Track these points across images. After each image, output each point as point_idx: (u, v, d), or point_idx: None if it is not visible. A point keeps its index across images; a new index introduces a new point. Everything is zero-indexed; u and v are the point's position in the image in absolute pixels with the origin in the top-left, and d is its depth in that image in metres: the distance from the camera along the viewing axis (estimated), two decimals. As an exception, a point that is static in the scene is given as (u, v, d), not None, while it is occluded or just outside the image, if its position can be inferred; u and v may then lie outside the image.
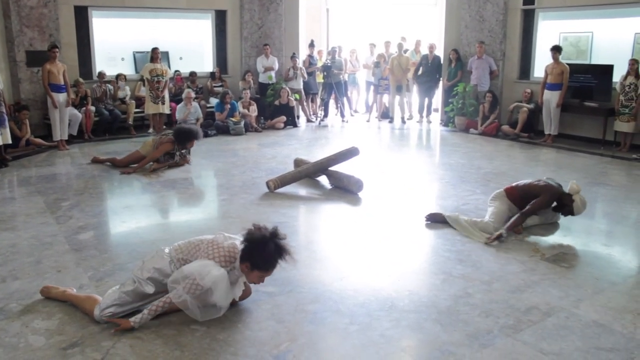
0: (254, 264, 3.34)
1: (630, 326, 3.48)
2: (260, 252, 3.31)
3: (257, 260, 3.33)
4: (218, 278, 3.31)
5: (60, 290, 3.78)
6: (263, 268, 3.36)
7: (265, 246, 3.30)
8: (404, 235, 5.22)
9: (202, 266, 3.34)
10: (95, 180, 7.18)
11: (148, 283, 3.47)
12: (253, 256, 3.33)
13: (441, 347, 3.23)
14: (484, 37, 11.19)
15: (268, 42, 12.43)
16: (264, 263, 3.34)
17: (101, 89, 10.37)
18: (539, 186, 5.24)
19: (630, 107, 8.84)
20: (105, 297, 3.52)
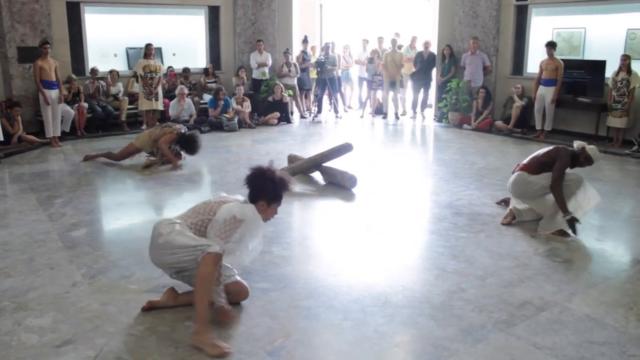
0: (269, 198, 3.48)
1: (622, 320, 3.50)
2: (270, 185, 3.46)
3: (271, 193, 3.47)
4: (252, 209, 3.43)
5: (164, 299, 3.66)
6: (278, 198, 3.52)
7: (272, 178, 3.48)
8: (398, 231, 5.22)
9: (232, 206, 3.42)
10: (89, 177, 7.15)
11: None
12: (265, 192, 3.46)
13: (435, 342, 3.24)
14: (477, 33, 11.19)
15: (261, 38, 12.40)
16: (277, 193, 3.50)
17: (94, 85, 10.33)
18: (551, 152, 5.21)
19: (623, 102, 8.88)
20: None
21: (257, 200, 3.47)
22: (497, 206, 5.90)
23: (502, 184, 6.75)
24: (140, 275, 4.12)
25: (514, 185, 5.30)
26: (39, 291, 3.86)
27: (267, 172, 3.51)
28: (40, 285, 3.96)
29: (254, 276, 4.11)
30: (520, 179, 5.24)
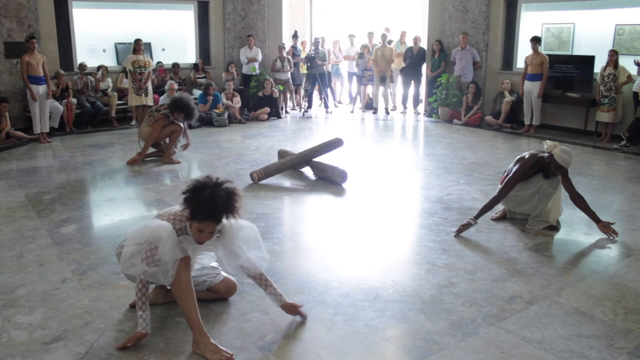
0: (191, 213, 3.02)
1: (610, 313, 3.54)
2: (196, 199, 2.97)
3: (194, 208, 2.99)
4: (160, 228, 3.07)
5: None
6: (198, 217, 2.99)
7: (201, 192, 2.97)
8: (388, 226, 5.24)
9: (141, 228, 3.13)
10: (78, 173, 7.11)
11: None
12: (190, 205, 3.01)
13: (425, 336, 3.25)
14: (467, 28, 11.22)
15: (251, 33, 12.38)
16: (199, 211, 2.97)
17: (82, 80, 10.26)
18: (518, 161, 5.12)
19: (610, 97, 8.94)
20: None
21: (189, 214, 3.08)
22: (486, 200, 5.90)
23: (492, 179, 6.80)
24: (130, 272, 4.10)
25: (504, 203, 5.26)
26: (28, 288, 3.84)
27: (202, 185, 3.02)
28: (30, 282, 3.93)
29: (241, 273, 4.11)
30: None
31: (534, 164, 5.00)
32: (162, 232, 3.06)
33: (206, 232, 3.05)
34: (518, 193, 5.08)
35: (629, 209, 5.68)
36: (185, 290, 3.07)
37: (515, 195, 5.10)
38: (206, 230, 3.04)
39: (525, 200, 5.11)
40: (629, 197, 6.06)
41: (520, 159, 5.11)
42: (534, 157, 5.03)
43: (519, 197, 5.11)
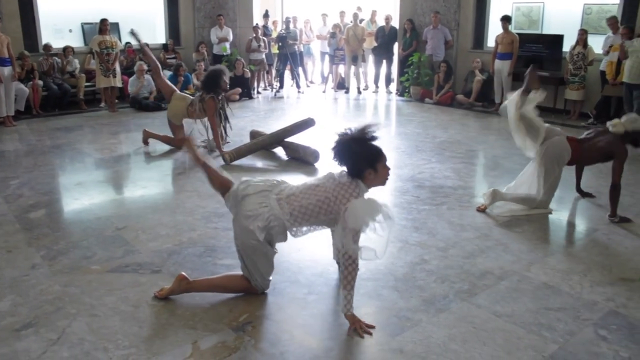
0: (370, 163, 3.20)
1: (577, 287, 3.62)
2: (370, 149, 3.21)
3: (374, 158, 3.21)
4: (370, 205, 3.12)
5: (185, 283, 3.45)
6: (378, 158, 3.23)
7: (360, 139, 3.21)
8: (361, 205, 5.25)
9: (358, 215, 3.05)
10: (46, 157, 6.98)
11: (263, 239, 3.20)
12: (371, 159, 3.20)
13: (398, 313, 3.29)
14: (438, 7, 11.22)
15: (222, 13, 12.21)
16: (373, 152, 3.24)
17: (48, 62, 10.02)
18: (606, 147, 4.80)
19: (580, 75, 9.06)
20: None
21: (364, 170, 3.18)
22: (458, 178, 5.99)
23: (464, 157, 6.88)
24: (102, 255, 4.06)
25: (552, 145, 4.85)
26: (-3, 274, 3.77)
27: (350, 136, 3.20)
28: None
29: (219, 253, 4.11)
30: (561, 149, 4.85)
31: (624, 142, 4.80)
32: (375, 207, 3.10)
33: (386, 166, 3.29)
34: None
35: (595, 185, 5.80)
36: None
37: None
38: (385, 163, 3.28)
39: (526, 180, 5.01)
40: (596, 174, 6.17)
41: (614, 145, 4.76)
42: (620, 141, 4.77)
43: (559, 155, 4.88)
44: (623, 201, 5.25)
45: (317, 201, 3.18)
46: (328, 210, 3.17)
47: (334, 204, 3.14)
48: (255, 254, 3.27)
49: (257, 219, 3.17)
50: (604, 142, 4.85)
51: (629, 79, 7.98)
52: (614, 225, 4.70)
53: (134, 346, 2.95)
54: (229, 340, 3.01)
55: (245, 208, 3.23)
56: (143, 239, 4.40)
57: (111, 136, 8.18)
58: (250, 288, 3.41)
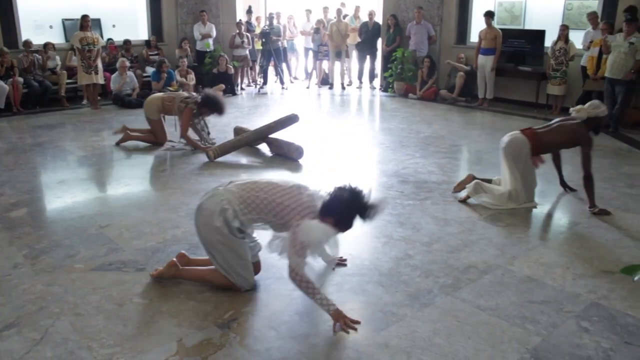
0: (338, 221, 3.17)
1: (560, 279, 3.66)
2: (346, 213, 3.17)
3: (342, 219, 3.18)
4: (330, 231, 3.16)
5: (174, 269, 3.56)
6: (344, 227, 3.22)
7: (356, 209, 3.19)
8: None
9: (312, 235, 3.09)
10: (27, 155, 6.90)
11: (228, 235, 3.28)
12: (337, 214, 3.16)
13: (383, 308, 3.31)
14: (421, 3, 11.25)
15: (204, 9, 12.13)
16: (346, 224, 3.22)
17: (28, 59, 9.90)
18: (571, 131, 4.91)
19: (561, 71, 9.14)
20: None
21: (327, 214, 3.17)
22: (442, 173, 6.02)
23: (447, 152, 6.92)
24: (85, 254, 4.03)
25: (509, 145, 4.98)
26: (-22, 274, 3.73)
27: (358, 201, 3.19)
28: (-21, 267, 3.82)
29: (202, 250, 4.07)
30: (519, 145, 4.94)
31: (588, 129, 4.92)
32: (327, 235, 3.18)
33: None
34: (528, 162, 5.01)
35: (576, 178, 5.83)
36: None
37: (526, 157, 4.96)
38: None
39: (522, 168, 5.00)
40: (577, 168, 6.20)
41: (577, 134, 4.90)
42: (584, 130, 4.91)
43: (525, 163, 4.97)
44: (604, 194, 5.32)
45: (274, 201, 3.24)
46: (280, 214, 3.22)
47: (288, 213, 3.20)
48: (222, 250, 3.32)
49: (213, 212, 3.25)
50: (567, 129, 4.97)
51: (610, 74, 8.06)
52: (595, 219, 4.75)
53: (118, 345, 2.94)
54: (214, 337, 3.01)
55: (202, 208, 3.34)
56: (127, 236, 4.37)
57: (94, 133, 8.11)
58: (232, 285, 3.41)
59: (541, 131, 5.06)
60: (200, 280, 3.52)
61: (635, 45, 7.76)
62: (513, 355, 2.86)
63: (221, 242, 3.30)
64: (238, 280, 3.40)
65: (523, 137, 4.97)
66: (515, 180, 4.95)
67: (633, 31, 7.80)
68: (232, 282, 3.41)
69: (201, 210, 3.33)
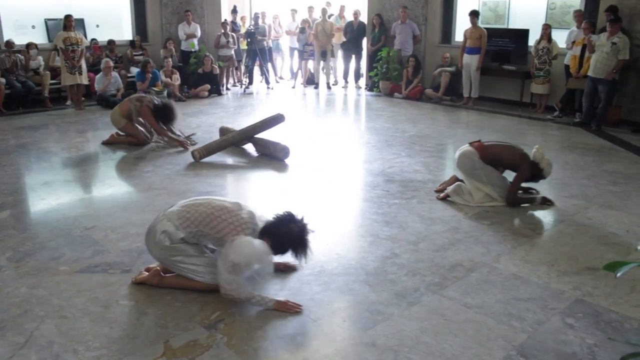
0: (275, 246, 3.27)
1: (545, 277, 3.70)
2: (286, 241, 3.30)
3: (279, 244, 3.29)
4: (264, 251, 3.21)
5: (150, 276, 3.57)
6: (277, 252, 3.32)
7: (297, 244, 3.31)
8: (332, 200, 5.27)
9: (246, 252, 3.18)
10: (10, 156, 6.83)
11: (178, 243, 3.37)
12: (278, 240, 3.28)
13: (370, 307, 3.31)
14: (406, 2, 11.28)
15: (189, 9, 12.08)
16: (285, 249, 3.34)
17: (11, 59, 9.78)
18: (516, 155, 5.05)
19: (545, 70, 9.21)
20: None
21: (266, 235, 3.29)
22: (428, 172, 6.05)
23: (433, 151, 6.94)
24: (70, 256, 4.00)
25: (461, 158, 5.12)
26: (-39, 277, 3.68)
27: (303, 238, 3.32)
28: (-38, 271, 3.78)
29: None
30: (469, 156, 5.07)
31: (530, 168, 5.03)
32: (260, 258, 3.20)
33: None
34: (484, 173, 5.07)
35: (561, 176, 5.91)
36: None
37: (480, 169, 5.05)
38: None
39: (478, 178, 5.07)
40: (562, 165, 6.30)
41: (523, 159, 5.03)
42: (529, 161, 5.03)
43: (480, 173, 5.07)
44: (588, 192, 5.39)
45: (212, 214, 3.33)
46: (217, 228, 3.29)
47: (225, 227, 3.28)
48: (181, 260, 3.39)
49: (156, 231, 3.38)
50: (517, 153, 5.08)
51: (593, 73, 8.14)
52: (579, 216, 4.80)
53: (104, 347, 2.92)
54: (201, 339, 3.00)
55: (149, 231, 3.47)
56: (112, 238, 4.34)
57: (78, 134, 8.05)
58: (215, 287, 3.39)
59: (489, 144, 5.19)
60: (184, 287, 3.49)
61: (617, 46, 7.84)
62: (499, 352, 2.88)
63: (175, 255, 3.38)
64: (212, 279, 3.38)
65: (471, 149, 5.10)
66: (484, 186, 5.05)
67: (616, 31, 7.89)
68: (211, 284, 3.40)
69: (149, 234, 3.46)
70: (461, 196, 5.11)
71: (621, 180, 5.82)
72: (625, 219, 4.75)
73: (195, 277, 3.41)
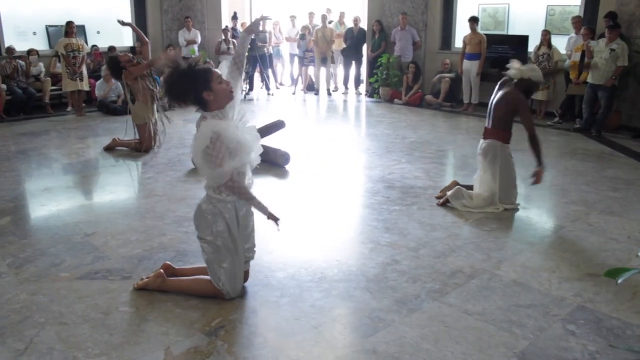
0: (202, 86, 3.13)
1: (546, 283, 3.69)
2: (196, 73, 3.15)
3: (204, 79, 3.14)
4: (221, 125, 3.13)
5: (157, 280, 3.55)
6: (213, 75, 3.18)
7: (184, 72, 3.16)
8: (332, 207, 5.27)
9: (198, 135, 3.11)
10: (11, 162, 6.83)
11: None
12: (201, 82, 3.12)
13: (371, 313, 3.31)
14: (406, 8, 11.31)
15: (189, 15, 12.11)
16: (205, 72, 3.19)
17: (11, 65, 9.81)
18: (507, 104, 4.98)
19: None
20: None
21: (201, 97, 3.13)
22: (428, 179, 6.05)
23: (433, 157, 6.95)
24: (70, 262, 3.99)
25: (486, 148, 5.10)
26: (-39, 284, 3.68)
27: (177, 71, 3.15)
28: (-38, 277, 3.77)
29: (190, 257, 4.07)
30: (493, 146, 5.05)
31: (522, 90, 5.01)
32: (214, 128, 3.09)
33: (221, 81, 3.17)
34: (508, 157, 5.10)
35: (561, 182, 5.92)
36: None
37: (507, 154, 5.09)
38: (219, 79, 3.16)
39: (505, 165, 5.10)
40: (562, 172, 6.30)
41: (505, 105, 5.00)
42: (517, 87, 5.01)
43: (506, 160, 5.09)
44: (588, 198, 5.38)
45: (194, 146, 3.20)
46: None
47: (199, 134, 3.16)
48: (213, 250, 3.35)
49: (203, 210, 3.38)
50: (503, 102, 5.03)
51: (592, 80, 8.15)
52: (580, 222, 4.80)
53: (104, 354, 2.91)
54: (201, 345, 2.99)
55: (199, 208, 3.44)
56: (112, 244, 4.34)
57: (79, 141, 8.06)
58: (218, 293, 3.40)
59: (490, 124, 5.15)
60: (186, 291, 3.49)
61: (616, 52, 7.86)
62: (500, 359, 2.87)
63: (213, 241, 3.33)
64: (225, 287, 3.38)
65: (490, 141, 5.09)
66: (494, 182, 5.04)
67: (615, 37, 7.90)
68: (218, 290, 3.39)
69: (197, 210, 3.43)
70: (460, 200, 5.11)
71: (621, 186, 5.82)
72: (626, 225, 4.75)
73: (213, 277, 3.39)
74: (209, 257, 3.37)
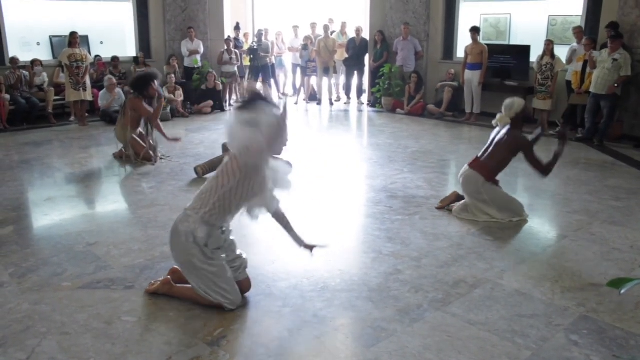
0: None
1: (549, 293, 3.68)
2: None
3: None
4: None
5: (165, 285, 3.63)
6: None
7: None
8: (334, 216, 5.27)
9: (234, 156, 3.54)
10: (14, 172, 6.85)
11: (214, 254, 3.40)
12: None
13: (373, 323, 3.30)
14: (408, 19, 11.35)
15: (192, 25, 12.16)
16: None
17: (15, 75, 9.85)
18: (509, 146, 5.02)
19: (547, 85, 9.24)
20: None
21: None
22: (430, 188, 6.05)
23: (435, 167, 6.95)
24: (73, 272, 4.00)
25: (465, 183, 5.13)
26: (-36, 293, 3.68)
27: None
28: (-35, 287, 3.77)
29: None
30: (473, 181, 5.06)
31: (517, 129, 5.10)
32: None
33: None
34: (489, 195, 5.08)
35: (563, 192, 5.91)
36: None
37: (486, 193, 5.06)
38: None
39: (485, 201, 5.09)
40: (564, 181, 6.30)
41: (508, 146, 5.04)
42: (520, 133, 5.10)
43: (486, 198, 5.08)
44: (590, 207, 5.38)
45: (217, 177, 3.46)
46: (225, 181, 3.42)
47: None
48: (199, 270, 3.35)
49: (180, 232, 3.35)
50: (503, 143, 5.06)
51: (595, 89, 8.16)
52: (582, 232, 4.79)
53: (106, 364, 2.91)
54: (204, 355, 2.98)
55: (174, 231, 3.41)
56: (115, 254, 4.34)
57: (81, 150, 8.08)
58: (219, 304, 3.39)
59: (485, 158, 5.14)
60: (190, 299, 3.49)
61: (619, 62, 7.88)
62: (503, 369, 2.86)
63: (196, 263, 3.33)
64: (219, 300, 3.38)
65: (473, 173, 5.08)
66: (489, 208, 5.05)
67: (618, 47, 7.92)
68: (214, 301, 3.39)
69: (173, 234, 3.41)
70: (467, 212, 5.11)
71: (624, 195, 5.81)
72: (629, 234, 4.74)
73: (205, 294, 3.38)
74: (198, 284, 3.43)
